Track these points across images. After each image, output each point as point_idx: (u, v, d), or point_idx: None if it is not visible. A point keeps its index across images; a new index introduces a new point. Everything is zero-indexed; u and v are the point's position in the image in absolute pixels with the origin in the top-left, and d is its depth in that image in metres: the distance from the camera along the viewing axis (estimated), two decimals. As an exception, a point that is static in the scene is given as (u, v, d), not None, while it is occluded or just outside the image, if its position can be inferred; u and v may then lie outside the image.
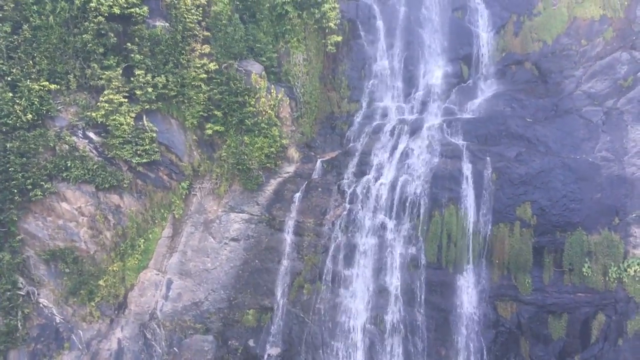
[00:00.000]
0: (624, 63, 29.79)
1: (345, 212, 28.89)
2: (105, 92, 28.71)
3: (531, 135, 28.86)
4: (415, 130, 30.19)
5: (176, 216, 30.85)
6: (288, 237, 29.28)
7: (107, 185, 29.41)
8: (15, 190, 27.80)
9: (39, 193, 28.26)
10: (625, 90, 29.16)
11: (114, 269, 29.62)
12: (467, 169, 27.99)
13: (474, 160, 28.17)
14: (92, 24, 28.53)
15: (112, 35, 28.90)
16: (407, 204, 28.11)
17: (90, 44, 28.72)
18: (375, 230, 28.34)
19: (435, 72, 32.64)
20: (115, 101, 28.65)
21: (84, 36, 28.58)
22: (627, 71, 29.50)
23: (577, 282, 26.26)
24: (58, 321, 28.75)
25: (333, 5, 31.62)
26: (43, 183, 28.39)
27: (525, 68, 32.09)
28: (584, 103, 29.71)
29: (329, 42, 32.02)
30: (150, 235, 30.38)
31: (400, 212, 28.22)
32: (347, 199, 29.19)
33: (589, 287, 26.12)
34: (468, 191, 27.60)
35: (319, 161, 30.90)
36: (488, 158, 28.08)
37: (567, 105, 29.89)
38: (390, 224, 28.26)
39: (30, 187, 28.11)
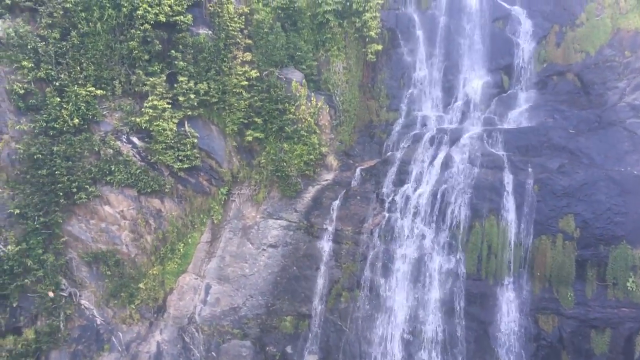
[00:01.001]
0: (670, 75, 29.44)
1: (384, 221, 28.89)
2: (150, 98, 29.20)
3: (574, 147, 28.57)
4: (454, 139, 30.08)
5: (215, 221, 31.18)
6: (326, 245, 29.35)
7: (149, 190, 29.85)
8: (61, 193, 28.32)
9: (84, 196, 28.78)
10: (671, 103, 28.83)
11: (154, 272, 30.00)
12: (508, 179, 27.80)
13: (516, 171, 27.98)
14: (138, 32, 29.07)
15: (158, 42, 29.42)
16: (447, 214, 27.99)
17: (136, 51, 29.24)
18: (414, 240, 28.27)
19: (475, 81, 32.51)
20: (159, 107, 29.11)
21: (130, 43, 29.11)
22: (673, 83, 29.15)
23: (621, 297, 25.83)
24: (99, 323, 29.19)
25: (374, 15, 31.75)
26: (87, 186, 28.90)
27: (567, 79, 31.79)
28: (628, 115, 29.34)
29: (369, 50, 32.12)
30: (189, 240, 30.73)
31: (440, 221, 28.11)
32: (386, 208, 29.19)
33: (634, 302, 25.65)
34: (509, 202, 27.39)
35: (357, 169, 30.97)
36: (530, 169, 27.88)
37: (610, 117, 29.53)
38: (430, 234, 28.17)
39: (75, 190, 28.63)
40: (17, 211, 27.47)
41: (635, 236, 25.96)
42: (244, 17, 30.93)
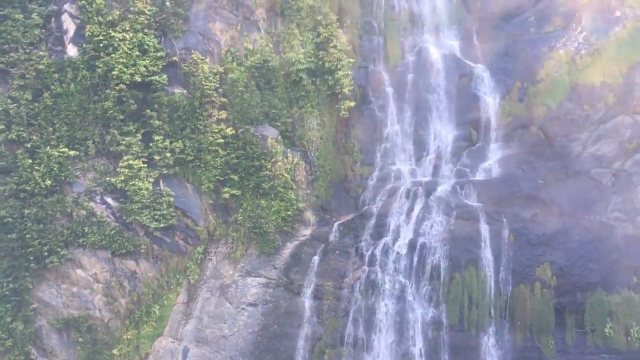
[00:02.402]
0: (627, 127, 31.02)
1: (364, 275, 28.89)
2: (125, 157, 28.88)
3: (544, 197, 29.56)
4: (429, 192, 30.66)
5: (191, 281, 30.51)
6: (307, 301, 29.05)
7: (123, 251, 29.16)
8: (32, 258, 27.44)
9: (55, 260, 27.89)
10: (631, 153, 30.27)
11: (129, 337, 28.93)
12: (484, 230, 28.42)
13: (491, 222, 28.66)
14: (113, 92, 29.04)
15: (133, 102, 29.37)
16: (427, 266, 28.27)
17: (111, 111, 29.14)
18: (395, 293, 28.32)
19: (445, 135, 33.47)
20: (135, 166, 28.79)
21: (105, 103, 29.01)
22: (631, 134, 30.68)
23: (600, 343, 26.37)
24: (71, 393, 27.81)
25: (346, 73, 32.63)
26: (59, 250, 28.08)
27: (531, 132, 33.06)
28: (592, 165, 30.65)
29: (342, 107, 32.83)
30: (165, 302, 29.91)
31: (420, 274, 28.33)
32: (366, 262, 29.25)
33: (612, 348, 26.22)
34: (487, 253, 27.93)
35: (335, 224, 31.09)
36: (504, 219, 28.61)
37: (575, 167, 30.78)
38: (411, 286, 28.30)
39: (46, 254, 27.78)
40: (-15, 278, 26.40)
41: (609, 282, 26.78)
42: (218, 76, 31.26)
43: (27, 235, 27.35)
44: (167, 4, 31.22)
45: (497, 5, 37.41)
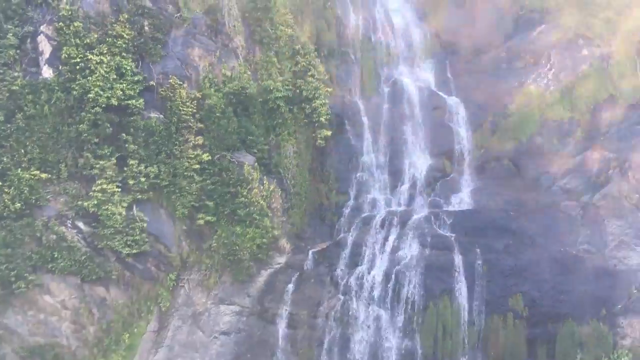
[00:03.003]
0: (595, 161, 32.11)
1: (339, 304, 28.82)
2: (99, 181, 28.35)
3: (516, 228, 30.13)
4: (404, 222, 30.96)
5: (163, 309, 29.91)
6: (281, 330, 28.75)
7: (94, 277, 28.41)
8: (-1, 283, 26.56)
9: (23, 285, 26.94)
10: (599, 187, 31.24)
11: (96, 366, 28.10)
12: (458, 260, 28.76)
13: (464, 252, 29.02)
14: (89, 115, 28.64)
15: (108, 125, 29.03)
16: (402, 295, 28.39)
17: (86, 134, 28.66)
18: (370, 322, 28.30)
19: (419, 166, 34.04)
20: (109, 191, 28.28)
21: (80, 126, 28.55)
22: (599, 169, 31.76)
23: (570, 374, 26.78)
24: None
25: (324, 102, 33.02)
26: (27, 275, 27.15)
27: (503, 164, 33.96)
28: (562, 198, 31.53)
29: (319, 136, 33.13)
30: (135, 330, 29.15)
31: (395, 303, 28.42)
32: (341, 290, 29.22)
33: (583, 379, 26.66)
34: (461, 283, 28.23)
35: (310, 252, 31.02)
36: (478, 250, 29.02)
37: (546, 199, 31.60)
38: (385, 316, 28.34)
39: (13, 279, 26.83)
40: (-52, 304, 25.39)
41: (579, 313, 27.29)
42: (196, 101, 31.17)
43: (-7, 260, 26.53)
44: (146, 28, 31.18)
45: (468, 41, 38.72)
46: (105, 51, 29.46)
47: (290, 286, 29.75)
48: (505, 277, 28.14)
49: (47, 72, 29.34)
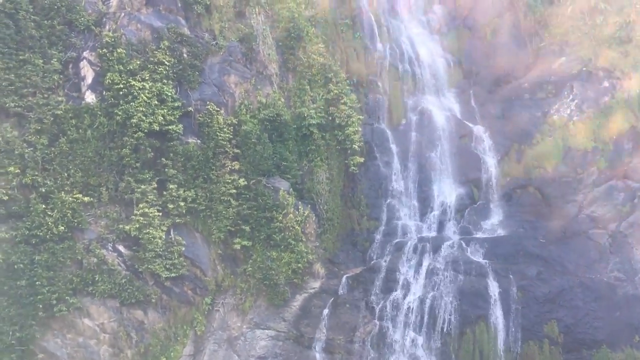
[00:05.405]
0: (620, 190, 32.88)
1: (375, 329, 29.15)
2: (140, 205, 28.72)
3: (547, 255, 30.74)
4: (436, 248, 31.48)
5: (198, 333, 30.05)
6: (318, 355, 28.97)
7: (132, 300, 28.60)
8: (40, 306, 26.59)
9: (64, 308, 27.11)
10: (625, 215, 31.99)
11: (134, 390, 28.12)
12: (493, 286, 29.27)
13: (499, 279, 29.54)
14: (131, 139, 29.11)
15: (150, 150, 29.49)
16: (438, 321, 28.80)
17: (127, 158, 29.10)
18: (407, 348, 28.63)
19: (448, 193, 34.70)
20: (150, 214, 28.65)
21: (122, 150, 29.00)
22: (624, 198, 32.50)
23: (606, 400, 27.21)
24: None
25: (356, 129, 33.75)
26: (68, 298, 27.34)
27: (529, 192, 34.63)
28: (590, 226, 32.18)
29: (351, 162, 33.80)
30: (172, 354, 29.23)
31: (431, 329, 28.79)
32: (377, 316, 29.56)
33: (618, 405, 27.11)
34: (496, 309, 28.69)
35: (344, 277, 31.39)
36: (511, 276, 29.57)
37: (574, 227, 32.25)
38: (422, 341, 28.69)
39: (55, 302, 26.97)
40: (-9, 326, 25.43)
41: (613, 340, 27.79)
42: (232, 127, 31.77)
43: (36, 282, 26.54)
44: (185, 55, 31.86)
45: (489, 72, 39.75)
46: (147, 77, 30.02)
47: (326, 311, 30.03)
48: (539, 304, 28.66)
49: (89, 97, 29.80)
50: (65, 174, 28.36)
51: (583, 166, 34.65)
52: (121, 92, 29.36)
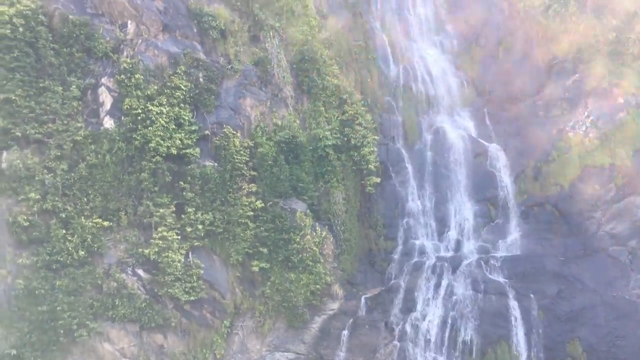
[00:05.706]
0: (639, 207, 32.67)
1: (396, 350, 28.96)
2: (159, 229, 28.90)
3: (567, 273, 30.54)
4: (455, 267, 31.40)
5: (218, 356, 29.96)
6: (338, 377, 28.93)
7: (152, 325, 28.62)
8: (62, 331, 26.67)
9: (85, 333, 27.18)
10: (645, 232, 31.84)
11: (154, 415, 28.02)
12: (513, 306, 29.09)
13: (519, 298, 29.38)
14: (149, 164, 29.37)
15: (168, 174, 29.72)
16: (458, 341, 28.59)
17: (146, 182, 29.33)
18: (428, 369, 28.48)
19: (465, 212, 34.65)
20: (169, 238, 28.81)
21: (140, 175, 29.25)
22: (643, 215, 32.37)
23: (631, 420, 26.78)
24: None
25: (372, 149, 33.88)
26: (88, 322, 27.42)
27: (546, 209, 34.48)
28: (609, 243, 31.97)
29: (368, 183, 33.88)
30: (191, 378, 29.23)
31: (452, 349, 28.60)
32: (397, 337, 29.38)
33: None
34: (518, 328, 28.50)
35: (363, 298, 31.32)
36: (532, 295, 29.34)
37: (593, 245, 32.05)
38: (443, 362, 28.53)
39: (75, 327, 27.06)
40: (14, 352, 25.55)
41: (637, 359, 27.44)
42: (248, 150, 32.00)
43: (57, 308, 26.68)
44: (201, 80, 32.21)
45: (503, 90, 39.84)
46: (164, 102, 30.33)
47: (345, 332, 29.94)
48: (561, 323, 28.41)
49: (108, 123, 30.11)
50: (85, 199, 28.61)
51: (600, 183, 34.47)
52: (139, 117, 29.67)
